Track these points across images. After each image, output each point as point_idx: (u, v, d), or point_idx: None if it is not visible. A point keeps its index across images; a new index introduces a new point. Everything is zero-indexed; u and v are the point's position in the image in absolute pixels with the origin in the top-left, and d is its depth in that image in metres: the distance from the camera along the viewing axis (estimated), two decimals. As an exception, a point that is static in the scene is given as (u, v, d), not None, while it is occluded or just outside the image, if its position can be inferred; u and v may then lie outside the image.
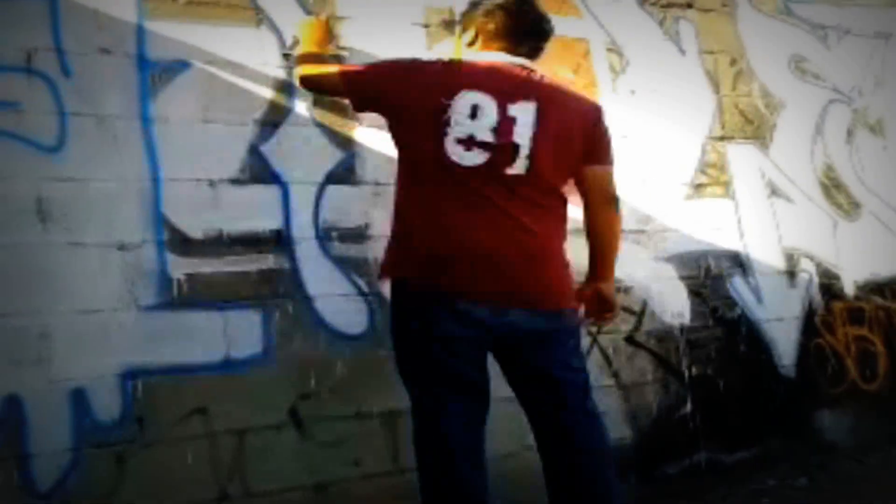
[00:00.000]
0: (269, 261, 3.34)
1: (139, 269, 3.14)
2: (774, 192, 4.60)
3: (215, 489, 3.16)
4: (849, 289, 4.71)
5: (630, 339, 4.03)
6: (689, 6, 4.52)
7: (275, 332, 3.31)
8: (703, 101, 4.49)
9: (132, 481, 3.03)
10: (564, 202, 3.06)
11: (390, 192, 3.49)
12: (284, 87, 3.47)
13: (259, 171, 3.37)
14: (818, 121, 4.84)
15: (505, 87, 2.96)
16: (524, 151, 2.93)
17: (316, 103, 3.51)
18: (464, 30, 3.15)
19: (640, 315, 4.07)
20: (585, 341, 3.74)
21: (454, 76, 3.00)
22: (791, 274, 4.55)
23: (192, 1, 3.35)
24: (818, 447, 4.43)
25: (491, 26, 3.05)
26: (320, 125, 3.52)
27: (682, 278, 4.22)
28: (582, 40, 4.16)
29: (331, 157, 3.52)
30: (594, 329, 3.88)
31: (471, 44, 3.11)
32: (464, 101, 2.92)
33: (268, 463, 3.24)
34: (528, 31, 3.09)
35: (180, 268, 3.20)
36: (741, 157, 4.53)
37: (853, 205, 4.85)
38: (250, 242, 3.32)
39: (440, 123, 2.91)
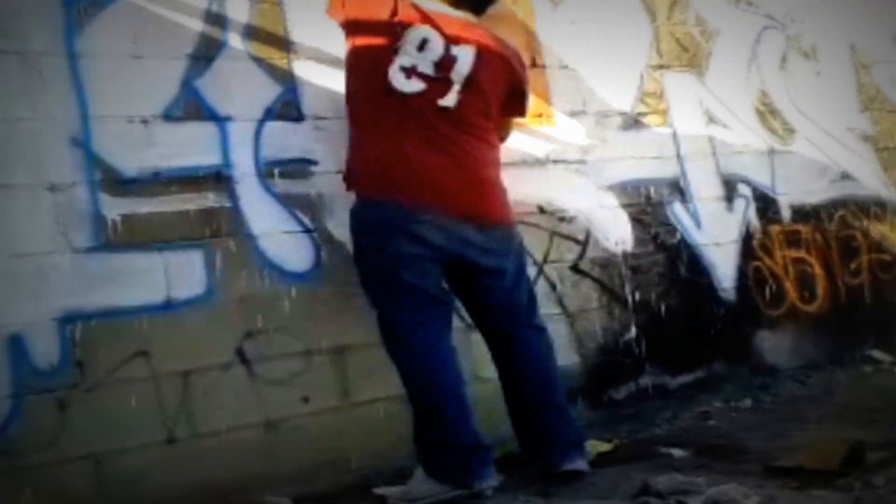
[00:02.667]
0: (208, 199, 3.27)
1: (72, 210, 3.05)
2: (711, 119, 4.63)
3: (163, 431, 3.12)
4: (785, 212, 4.79)
5: (575, 268, 4.06)
6: (626, -65, 4.49)
7: (217, 272, 3.26)
8: (640, 31, 4.49)
9: (75, 427, 2.96)
10: (493, 138, 3.35)
11: (332, 127, 3.51)
12: (217, 20, 3.37)
13: (194, 107, 3.29)
14: (753, 48, 4.88)
15: (452, 31, 3.27)
16: (456, 87, 3.21)
17: (251, 36, 3.42)
18: None
19: (584, 244, 4.09)
20: (531, 271, 3.75)
21: (412, 9, 3.27)
22: (729, 199, 4.61)
23: (118, -68, 3.23)
24: (761, 369, 4.52)
25: None
26: (257, 59, 3.43)
27: (624, 206, 4.24)
28: (521, -29, 4.11)
29: (269, 91, 3.44)
30: (540, 259, 3.90)
31: None
32: (416, 33, 3.23)
33: (215, 403, 3.21)
34: None
35: (115, 208, 3.11)
36: (678, 86, 4.55)
37: (788, 130, 4.91)
38: (188, 181, 3.24)
39: (390, 50, 3.19)
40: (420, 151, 3.17)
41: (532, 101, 3.64)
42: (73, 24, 3.10)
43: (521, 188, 3.67)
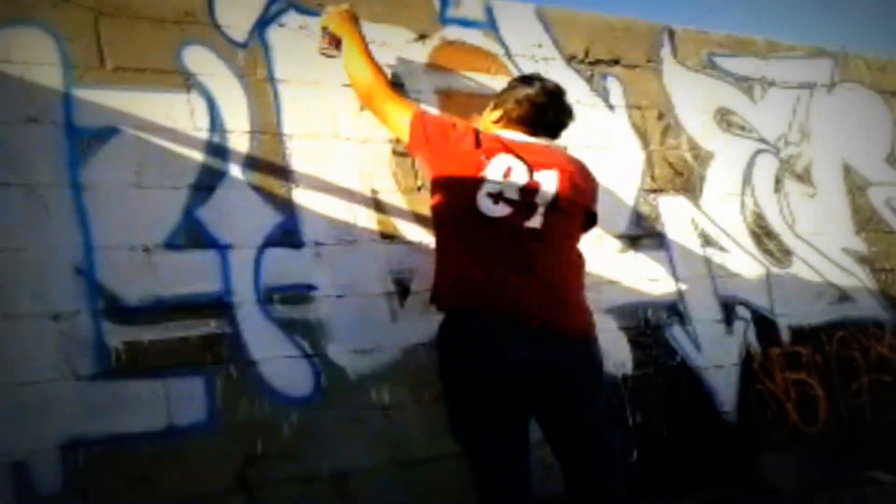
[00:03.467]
0: (209, 326, 3.29)
1: (75, 338, 3.07)
2: (707, 241, 4.66)
3: (162, 563, 3.08)
4: (784, 334, 4.77)
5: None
6: (616, 62, 4.62)
7: (218, 398, 3.26)
8: (634, 155, 4.57)
9: (77, 558, 2.93)
10: (578, 256, 3.49)
11: (332, 252, 3.56)
12: (218, 151, 3.46)
13: (195, 235, 3.34)
14: (746, 171, 4.94)
15: (534, 157, 3.40)
16: (541, 209, 3.34)
17: (251, 166, 3.51)
18: (493, 108, 3.56)
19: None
20: None
21: (495, 141, 3.42)
22: (728, 321, 4.60)
23: (119, 67, 3.34)
24: (764, 491, 4.44)
25: (515, 114, 3.50)
26: (257, 188, 3.51)
27: (623, 329, 4.25)
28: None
29: (269, 219, 3.50)
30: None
31: (495, 122, 3.53)
32: (499, 162, 3.35)
33: (217, 533, 3.17)
34: (546, 125, 3.54)
35: (118, 336, 3.15)
36: (673, 209, 4.60)
37: (784, 252, 4.93)
38: (189, 308, 3.27)
39: (477, 178, 3.31)
40: (506, 270, 3.25)
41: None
42: (76, 156, 3.19)
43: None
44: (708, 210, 4.73)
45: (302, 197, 3.59)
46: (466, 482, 3.44)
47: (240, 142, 3.52)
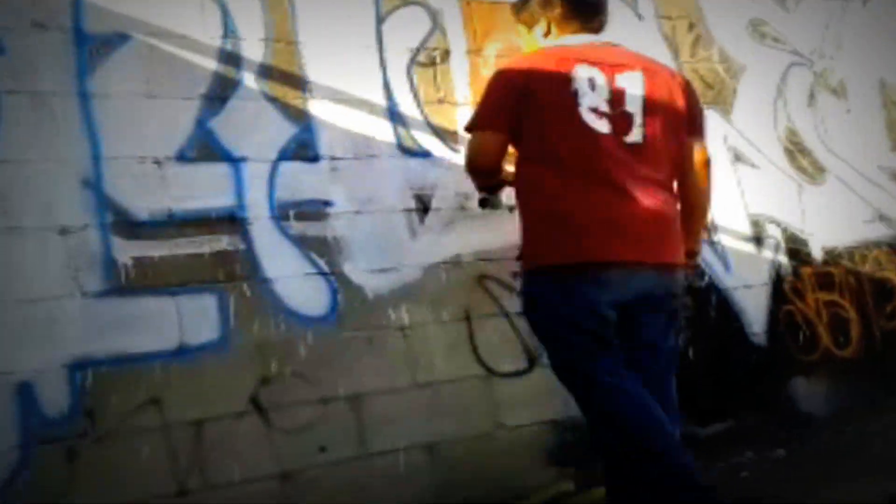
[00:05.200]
0: (222, 242, 3.22)
1: (83, 254, 3.01)
2: (738, 157, 4.54)
3: (173, 483, 3.05)
4: (817, 254, 4.67)
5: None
6: (646, -31, 4.45)
7: (232, 317, 3.20)
8: (664, 68, 4.41)
9: (85, 477, 2.91)
10: (674, 170, 3.17)
11: (349, 167, 3.46)
12: (231, 59, 3.35)
13: (208, 147, 3.25)
14: (779, 84, 4.79)
15: (608, 60, 3.09)
16: (637, 120, 3.05)
17: (265, 75, 3.39)
18: (529, 27, 3.27)
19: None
20: None
21: (564, 53, 3.10)
22: (758, 240, 4.49)
23: (129, -29, 3.22)
24: (794, 418, 4.38)
25: (558, 11, 3.18)
26: (271, 98, 3.40)
27: (650, 248, 4.13)
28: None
29: (284, 131, 3.40)
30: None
31: (546, 34, 3.22)
32: (580, 73, 3.03)
33: (229, 453, 3.14)
34: (589, 3, 3.23)
35: (127, 251, 3.08)
36: (704, 123, 4.46)
37: (818, 169, 4.81)
38: (201, 223, 3.19)
39: (571, 97, 3.00)
40: (613, 197, 2.99)
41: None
42: (84, 64, 3.09)
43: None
44: (739, 125, 4.58)
45: (318, 108, 3.47)
46: (486, 402, 3.39)
47: (253, 50, 3.40)
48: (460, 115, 3.69)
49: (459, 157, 3.65)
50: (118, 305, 3.03)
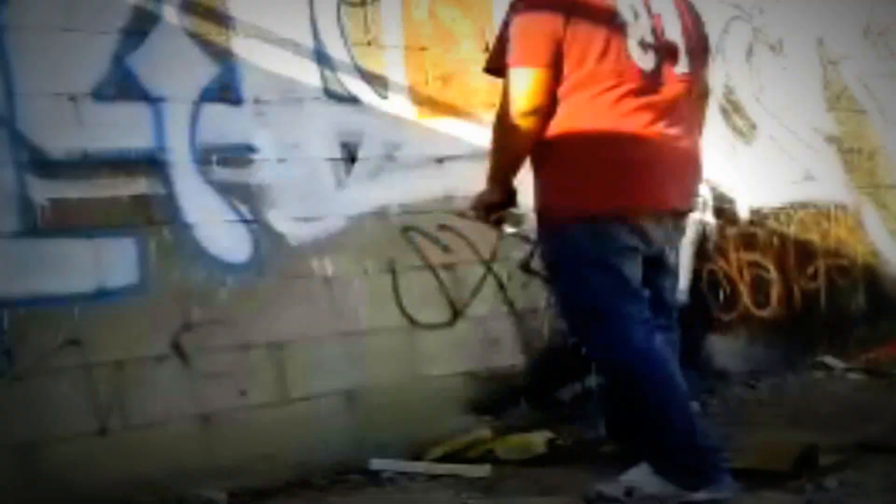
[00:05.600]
0: (141, 185, 3.14)
1: (-3, 192, 2.92)
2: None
3: (94, 422, 3.03)
4: (743, 213, 4.71)
5: (524, 267, 3.95)
6: None
7: (152, 261, 3.15)
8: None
9: (3, 414, 2.87)
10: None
11: (274, 111, 3.38)
12: (151, -10, 3.22)
13: (126, 85, 3.14)
14: (719, 38, 4.73)
15: None
16: (682, 48, 2.86)
17: (187, 10, 3.26)
18: None
19: (534, 243, 3.97)
20: (479, 271, 3.75)
21: None
22: (687, 199, 4.49)
23: None
24: (710, 373, 4.45)
25: None
26: (194, 35, 3.28)
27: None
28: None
29: (207, 71, 3.30)
30: (488, 257, 3.82)
31: None
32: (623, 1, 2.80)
33: (150, 395, 3.13)
34: None
35: (43, 192, 2.99)
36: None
37: (750, 127, 4.82)
38: (119, 165, 3.11)
39: (618, 28, 2.76)
40: (661, 142, 2.81)
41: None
42: (-3, -6, 2.95)
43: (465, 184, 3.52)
44: (675, 79, 4.55)
45: (242, 47, 3.36)
46: (408, 352, 3.40)
47: (175, -20, 3.27)
48: (390, 59, 3.63)
49: (388, 104, 3.62)
50: (35, 246, 2.97)
